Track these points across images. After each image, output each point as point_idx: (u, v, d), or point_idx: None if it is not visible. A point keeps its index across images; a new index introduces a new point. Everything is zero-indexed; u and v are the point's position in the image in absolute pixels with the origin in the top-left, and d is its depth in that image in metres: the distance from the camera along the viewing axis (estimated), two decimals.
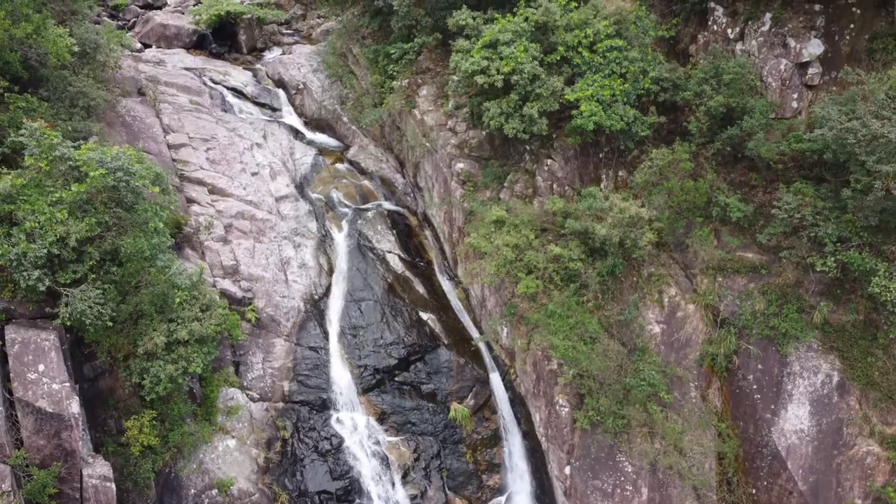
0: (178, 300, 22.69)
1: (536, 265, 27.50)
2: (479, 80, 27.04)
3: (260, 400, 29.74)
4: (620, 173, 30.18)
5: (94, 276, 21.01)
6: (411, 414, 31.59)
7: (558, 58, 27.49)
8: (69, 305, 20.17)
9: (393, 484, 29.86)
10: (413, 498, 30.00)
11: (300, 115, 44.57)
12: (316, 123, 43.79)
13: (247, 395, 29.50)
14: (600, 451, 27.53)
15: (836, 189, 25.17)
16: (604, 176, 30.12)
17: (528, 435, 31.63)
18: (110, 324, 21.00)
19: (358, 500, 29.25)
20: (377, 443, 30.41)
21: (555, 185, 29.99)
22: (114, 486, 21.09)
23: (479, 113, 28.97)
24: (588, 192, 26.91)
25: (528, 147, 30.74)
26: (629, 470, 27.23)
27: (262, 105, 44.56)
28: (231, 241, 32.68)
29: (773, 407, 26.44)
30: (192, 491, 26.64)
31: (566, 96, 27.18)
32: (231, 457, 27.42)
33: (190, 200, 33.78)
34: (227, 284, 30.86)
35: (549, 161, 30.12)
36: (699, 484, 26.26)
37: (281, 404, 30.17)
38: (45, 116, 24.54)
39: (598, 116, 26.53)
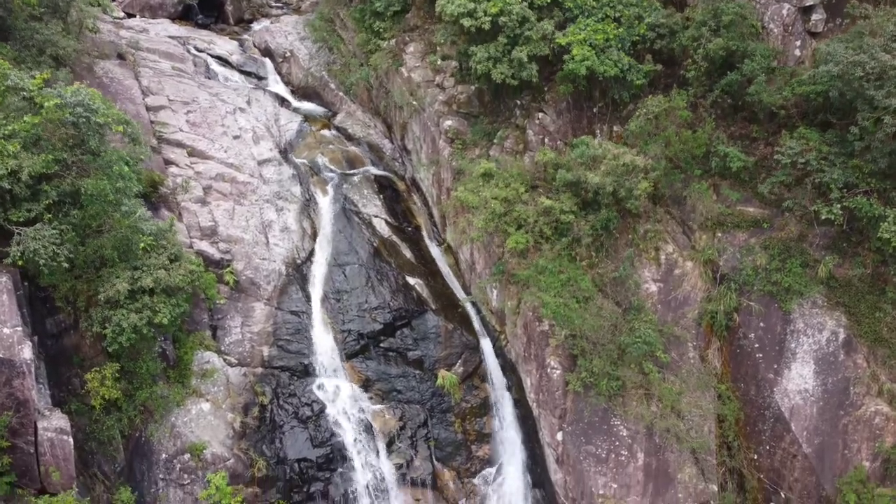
0: (142, 245, 21.33)
1: (526, 219, 26.15)
2: (466, 23, 25.73)
3: (238, 365, 28.37)
4: (615, 128, 28.83)
5: (50, 216, 19.69)
6: (397, 381, 30.21)
7: (548, 0, 26.16)
8: (21, 244, 18.80)
9: (377, 452, 28.50)
10: (399, 467, 28.63)
11: (287, 83, 43.15)
12: (303, 92, 42.38)
13: (224, 359, 28.13)
14: (594, 416, 26.16)
15: (841, 135, 23.84)
16: (598, 131, 28.78)
17: (520, 403, 30.26)
18: (66, 265, 19.64)
19: (340, 469, 27.87)
20: (361, 410, 29.03)
21: (546, 140, 28.65)
22: (71, 440, 19.76)
23: (467, 63, 27.62)
24: (580, 140, 25.59)
25: (518, 101, 29.42)
26: (624, 434, 25.86)
27: (247, 74, 43.12)
28: (210, 202, 31.31)
29: (775, 366, 25.07)
30: (164, 456, 25.27)
31: (557, 40, 25.86)
32: (205, 420, 26.05)
33: (168, 162, 32.41)
34: (204, 246, 29.48)
35: (540, 115, 28.79)
36: (698, 447, 24.89)
37: (260, 369, 28.80)
38: (7, 58, 23.21)
39: (590, 61, 25.20)
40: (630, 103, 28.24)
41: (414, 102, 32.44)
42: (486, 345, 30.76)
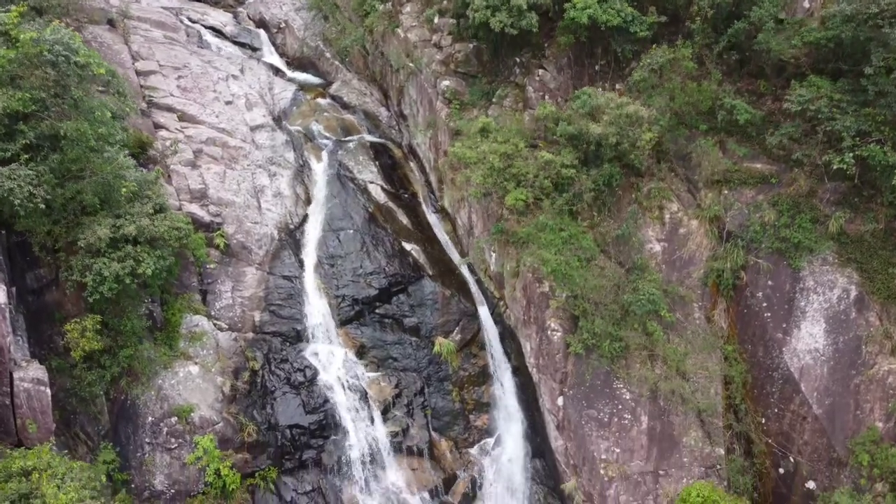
0: (124, 191, 20.42)
1: (526, 175, 25.23)
2: None
3: (228, 330, 27.47)
4: (618, 86, 27.89)
5: (27, 156, 18.77)
6: (393, 348, 29.31)
7: None
8: None
9: (372, 420, 27.59)
10: (394, 435, 27.72)
11: (281, 55, 42.33)
12: (298, 63, 41.55)
13: (214, 324, 27.22)
14: (595, 379, 25.24)
15: (853, 83, 22.90)
16: (599, 88, 27.81)
17: (519, 370, 29.36)
18: (43, 207, 18.71)
19: (333, 437, 26.97)
20: (356, 377, 28.13)
21: (546, 97, 27.74)
22: (49, 391, 18.87)
23: (465, 17, 26.70)
24: (582, 91, 24.68)
25: (517, 59, 28.51)
26: (627, 397, 24.94)
27: (241, 45, 42.25)
28: (200, 166, 30.42)
29: (784, 326, 24.15)
30: (150, 419, 24.37)
31: None
32: (193, 383, 25.15)
33: (158, 126, 31.51)
34: (194, 208, 28.57)
35: (540, 72, 27.89)
36: (704, 408, 23.97)
37: (251, 334, 27.91)
38: None
39: (592, 9, 24.30)
40: (633, 60, 27.31)
41: (411, 64, 31.54)
42: (484, 312, 29.87)
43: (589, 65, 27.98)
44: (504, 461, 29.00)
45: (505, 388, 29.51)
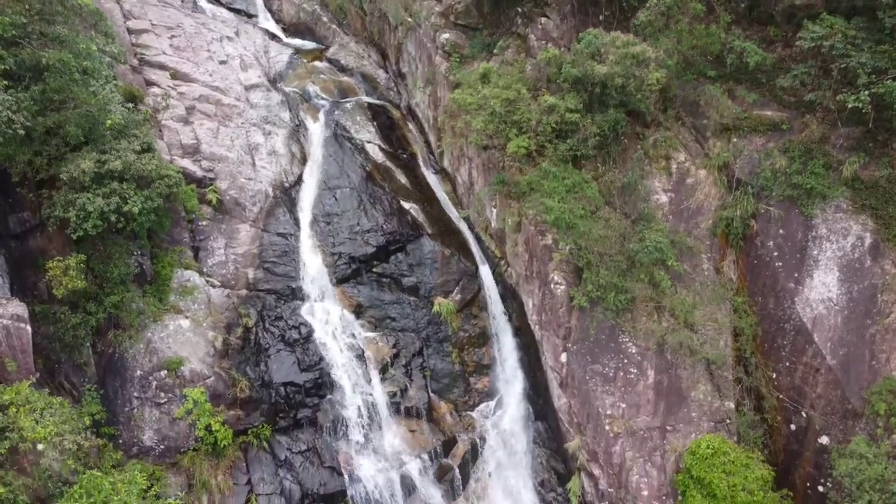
0: (108, 122, 19.53)
1: (528, 121, 24.37)
2: None
3: (221, 286, 26.60)
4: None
5: (6, 84, 17.91)
6: (391, 308, 28.46)
7: None
8: None
9: (369, 380, 26.72)
10: (392, 396, 26.85)
11: (277, 21, 41.51)
12: (294, 29, 40.71)
13: (207, 281, 26.35)
14: (600, 333, 24.38)
15: (869, 22, 22.05)
16: None
17: (520, 331, 28.53)
18: (22, 132, 17.81)
19: (329, 396, 26.11)
20: (352, 336, 27.28)
21: (549, 46, 26.83)
22: (29, 329, 18.01)
23: None
24: (587, 32, 23.80)
25: (519, 9, 27.66)
26: (633, 351, 24.09)
27: (236, 11, 41.38)
28: (192, 122, 29.55)
29: (796, 275, 23.29)
30: (139, 372, 23.49)
31: None
32: (183, 337, 24.28)
33: (149, 83, 30.61)
34: (186, 163, 27.71)
35: (542, 20, 27.03)
36: (713, 359, 23.11)
37: (244, 291, 27.05)
38: None
39: None
40: (638, 8, 26.42)
41: (409, 18, 30.70)
42: (485, 272, 29.02)
43: (593, 13, 27.13)
44: (505, 424, 28.16)
45: (506, 350, 28.68)
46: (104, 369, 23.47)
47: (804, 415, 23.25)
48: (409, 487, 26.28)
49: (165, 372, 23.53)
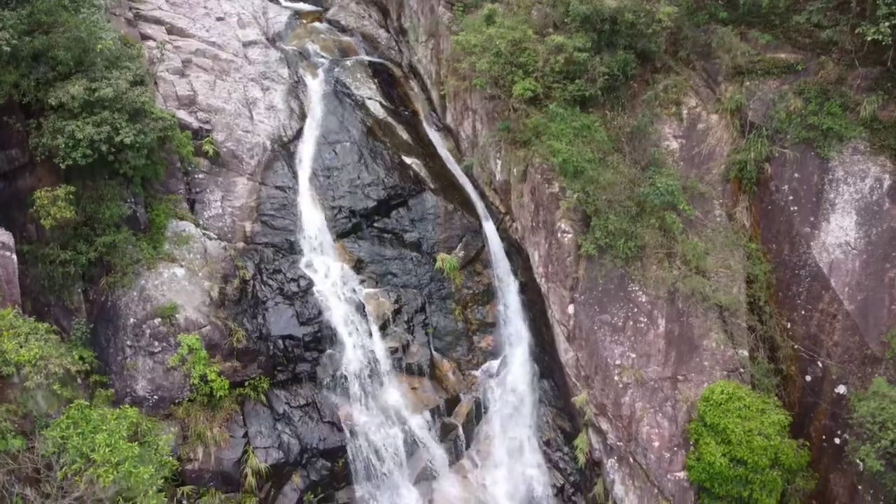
0: (99, 47, 18.74)
1: (535, 63, 23.59)
2: None
3: (217, 239, 25.82)
4: None
5: None
6: (392, 264, 27.68)
7: None
8: None
9: (370, 334, 25.93)
10: (393, 352, 26.06)
11: None
12: None
13: (203, 233, 25.56)
14: (609, 283, 23.62)
15: None
16: None
17: (525, 287, 27.74)
18: (8, 49, 17.00)
19: (329, 350, 25.31)
20: (353, 290, 26.47)
21: None
22: (14, 258, 17.25)
23: None
24: None
25: None
26: (643, 300, 23.31)
27: None
28: (188, 74, 28.77)
29: (812, 219, 22.54)
30: (132, 320, 22.70)
31: None
32: (178, 285, 23.49)
33: (144, 37, 29.76)
34: (182, 114, 26.88)
35: None
36: (726, 305, 22.34)
37: (242, 244, 26.28)
38: None
39: None
40: None
41: None
42: (488, 227, 28.23)
43: None
44: (510, 383, 27.38)
45: (510, 307, 27.89)
46: (96, 318, 22.70)
47: (820, 364, 22.50)
48: (411, 445, 25.50)
49: (159, 320, 22.73)
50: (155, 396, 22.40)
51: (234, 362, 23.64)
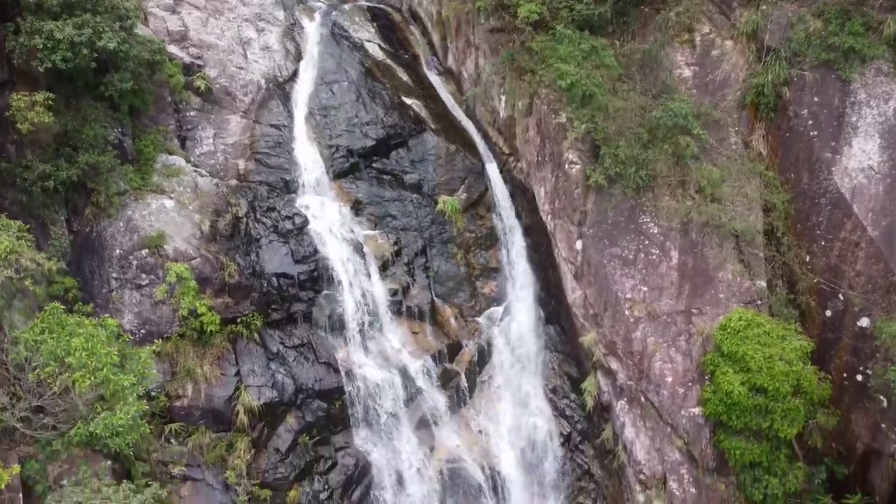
0: None
1: None
2: None
3: (209, 176, 24.72)
4: None
5: None
6: (391, 205, 26.56)
7: None
8: None
9: (368, 275, 24.83)
10: (393, 294, 24.97)
11: None
12: None
13: (195, 170, 24.46)
14: (619, 215, 22.54)
15: None
16: None
17: (530, 230, 26.67)
18: None
19: (326, 291, 24.20)
20: (350, 231, 25.38)
21: None
22: None
23: None
24: None
25: None
26: (655, 231, 22.23)
27: None
28: (180, 11, 27.65)
29: (833, 144, 21.44)
30: (118, 251, 21.61)
31: None
32: (167, 216, 22.39)
33: None
34: (173, 49, 25.80)
35: None
36: (742, 232, 21.26)
37: (235, 182, 25.19)
38: None
39: None
40: None
41: None
42: (491, 169, 27.12)
43: None
44: (514, 330, 26.26)
45: (515, 252, 26.78)
46: (80, 249, 21.60)
47: (841, 297, 21.40)
48: (411, 391, 24.39)
49: (147, 251, 21.63)
50: (142, 331, 21.26)
51: (226, 298, 22.52)
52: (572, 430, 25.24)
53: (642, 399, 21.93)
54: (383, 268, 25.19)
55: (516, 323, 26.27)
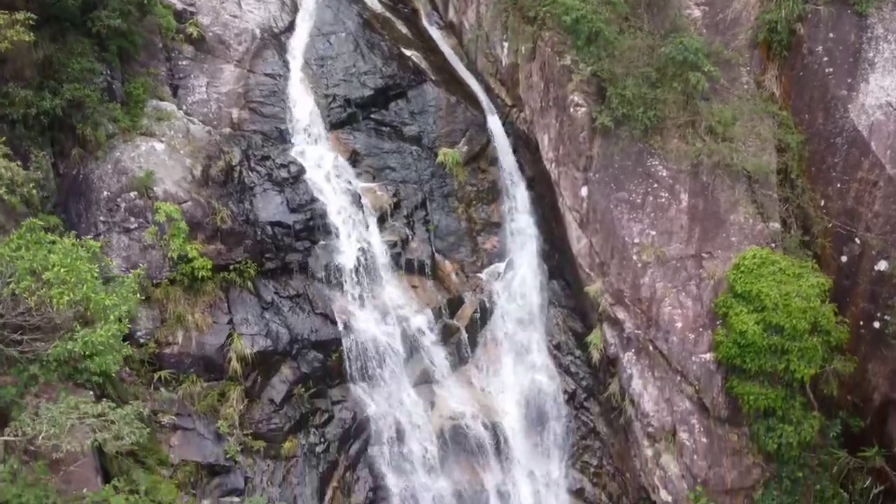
0: None
1: None
2: None
3: (202, 124, 23.91)
4: None
5: None
6: (390, 157, 25.73)
7: None
8: None
9: (367, 227, 24.01)
10: (392, 246, 24.14)
11: None
12: None
13: (186, 118, 23.65)
14: (626, 159, 21.73)
15: None
16: None
17: (533, 183, 25.87)
18: None
19: (322, 241, 23.39)
20: (348, 182, 24.55)
21: None
22: None
23: None
24: None
25: None
26: (664, 174, 21.42)
27: None
28: None
29: (849, 81, 20.61)
30: (105, 194, 20.81)
31: None
32: (157, 158, 21.57)
33: None
34: None
35: None
36: (755, 171, 20.42)
37: (228, 130, 24.37)
38: None
39: None
40: None
41: None
42: (494, 121, 26.29)
43: None
44: (517, 286, 25.44)
45: (518, 205, 25.96)
46: (67, 192, 20.81)
47: (857, 241, 20.56)
48: (410, 345, 23.58)
49: (136, 193, 20.83)
50: (130, 276, 20.41)
51: (218, 245, 21.70)
52: (577, 387, 24.46)
53: (650, 348, 21.11)
54: (381, 220, 24.37)
55: (519, 278, 25.45)
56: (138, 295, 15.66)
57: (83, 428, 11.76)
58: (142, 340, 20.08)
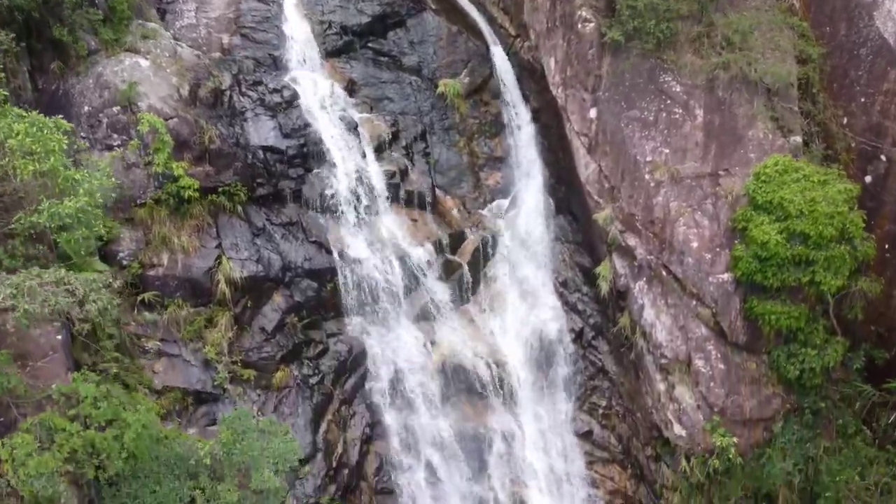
0: None
1: None
2: None
3: (191, 48, 22.74)
4: None
5: None
6: (388, 88, 24.56)
7: None
8: None
9: (364, 155, 22.84)
10: (390, 176, 22.95)
11: None
12: None
13: (174, 42, 22.46)
14: (637, 76, 20.57)
15: None
16: None
17: (539, 114, 24.69)
18: None
19: (317, 169, 22.22)
20: (343, 110, 23.36)
21: None
22: None
23: None
24: None
25: None
26: (678, 90, 20.25)
27: None
28: None
29: None
30: (87, 108, 19.63)
31: None
32: (142, 73, 20.36)
33: None
34: None
35: None
36: (775, 81, 19.25)
37: (218, 55, 23.19)
38: None
39: None
40: None
41: None
42: (497, 52, 25.07)
43: None
44: (521, 222, 24.31)
45: (522, 138, 24.82)
46: (46, 107, 19.51)
47: (883, 158, 19.43)
48: (410, 279, 22.44)
49: (118, 108, 19.63)
50: (113, 195, 19.24)
51: (206, 166, 20.50)
52: (584, 326, 23.32)
53: (664, 273, 19.94)
54: (379, 150, 23.19)
55: (524, 214, 24.32)
56: (113, 179, 14.39)
57: (44, 293, 10.61)
58: (125, 262, 18.94)
